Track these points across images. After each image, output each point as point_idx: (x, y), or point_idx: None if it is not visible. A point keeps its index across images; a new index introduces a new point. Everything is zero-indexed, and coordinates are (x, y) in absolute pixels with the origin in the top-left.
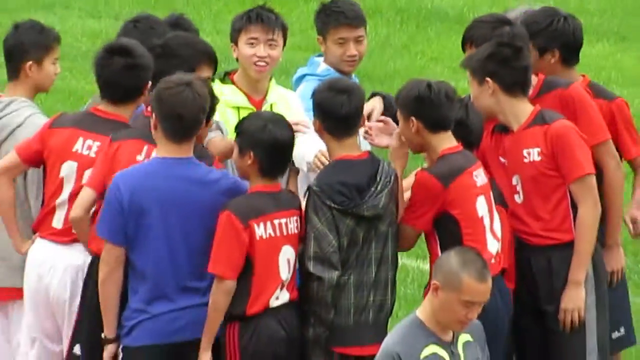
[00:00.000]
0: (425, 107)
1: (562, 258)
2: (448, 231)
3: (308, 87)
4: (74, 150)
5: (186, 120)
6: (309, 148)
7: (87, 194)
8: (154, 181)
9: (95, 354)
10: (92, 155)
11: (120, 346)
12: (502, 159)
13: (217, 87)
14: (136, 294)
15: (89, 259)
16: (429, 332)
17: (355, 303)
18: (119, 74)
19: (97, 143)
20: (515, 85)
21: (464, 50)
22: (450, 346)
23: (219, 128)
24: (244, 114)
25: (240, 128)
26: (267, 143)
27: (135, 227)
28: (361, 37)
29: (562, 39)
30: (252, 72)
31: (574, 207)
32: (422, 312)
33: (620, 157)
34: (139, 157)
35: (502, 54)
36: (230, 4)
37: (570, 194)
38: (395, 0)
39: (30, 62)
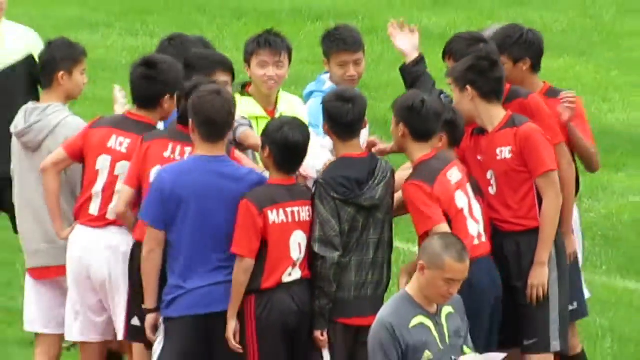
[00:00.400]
0: (414, 117)
1: (529, 242)
2: None
3: (316, 102)
4: (108, 145)
5: (218, 124)
6: (319, 159)
7: (125, 191)
8: (192, 176)
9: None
10: (124, 150)
11: (161, 317)
12: (479, 157)
13: (237, 98)
14: (173, 273)
15: (123, 240)
16: (417, 305)
17: (356, 281)
18: (137, 83)
19: (128, 140)
20: (491, 93)
21: (444, 60)
22: (435, 317)
23: (250, 124)
24: (262, 122)
25: (265, 126)
26: (280, 141)
27: (174, 214)
28: (359, 60)
29: (532, 49)
30: (264, 89)
31: (539, 199)
32: (410, 288)
33: None
34: (166, 154)
35: (480, 66)
36: (248, 24)
37: (536, 187)
38: (388, 21)
39: (62, 73)
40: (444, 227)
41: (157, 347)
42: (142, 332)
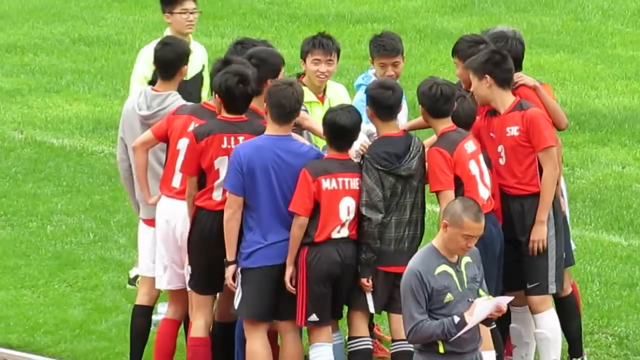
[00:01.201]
0: (427, 100)
1: (531, 203)
2: (455, 188)
3: (360, 95)
4: (188, 130)
5: (287, 109)
6: (357, 141)
7: (190, 181)
8: (264, 152)
9: (202, 273)
10: None
11: (239, 268)
12: (491, 134)
13: None
14: (251, 230)
15: None
16: (441, 256)
17: (396, 236)
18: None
19: None
20: (504, 81)
21: (453, 57)
22: (455, 265)
23: (306, 109)
24: (314, 106)
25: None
26: (329, 122)
27: (250, 183)
28: (397, 62)
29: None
30: (316, 82)
31: (541, 169)
32: (436, 242)
33: None
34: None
35: (495, 59)
36: (301, 27)
37: (538, 160)
38: (416, 25)
39: (185, 67)
40: (450, 194)
41: (237, 295)
42: (196, 282)
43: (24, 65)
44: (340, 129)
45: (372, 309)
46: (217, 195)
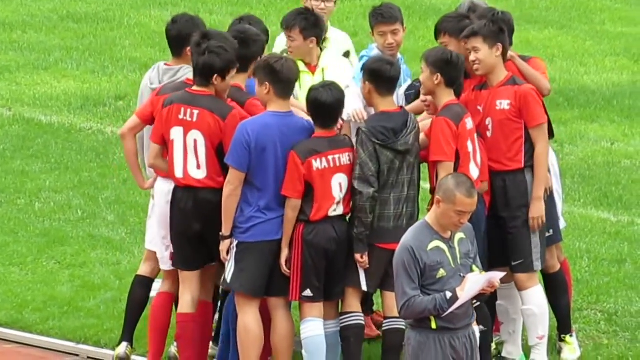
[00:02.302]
0: (450, 68)
1: (513, 179)
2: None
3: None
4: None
5: (293, 82)
6: (348, 106)
7: (152, 148)
8: (272, 130)
9: (182, 250)
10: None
11: (235, 242)
12: (479, 107)
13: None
14: (250, 205)
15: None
16: (434, 232)
17: (394, 213)
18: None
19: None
20: (506, 53)
21: (436, 39)
22: (448, 241)
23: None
24: (304, 75)
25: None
26: (311, 102)
27: (256, 159)
28: (396, 30)
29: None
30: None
31: (526, 147)
32: (429, 217)
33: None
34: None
35: (505, 30)
36: (290, 3)
37: (526, 136)
38: (404, 1)
39: (189, 47)
40: (449, 165)
41: (229, 269)
42: (178, 259)
43: (12, 42)
44: (322, 106)
45: (364, 287)
46: (178, 172)
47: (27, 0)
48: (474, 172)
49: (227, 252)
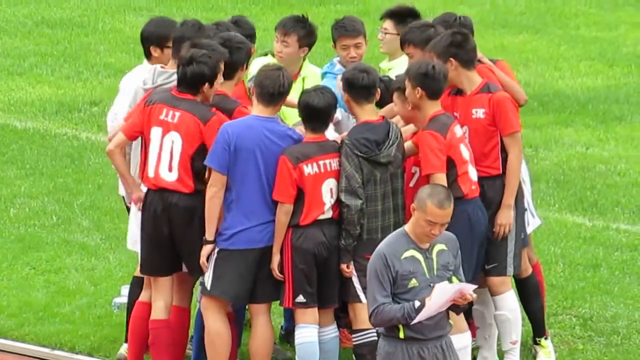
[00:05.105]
0: (428, 80)
1: (491, 185)
2: (448, 169)
3: (326, 82)
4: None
5: (275, 91)
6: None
7: (118, 138)
8: (253, 132)
9: (152, 255)
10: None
11: (217, 249)
12: (455, 114)
13: (269, 60)
14: (231, 211)
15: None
16: (410, 241)
17: (382, 224)
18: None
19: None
20: (469, 62)
21: (402, 49)
22: (425, 252)
23: None
24: None
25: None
26: (303, 106)
27: (235, 162)
28: (359, 43)
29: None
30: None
31: (504, 154)
32: (408, 226)
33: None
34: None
35: (457, 40)
36: (264, 8)
37: (501, 144)
38: (380, 6)
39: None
40: (442, 177)
41: (208, 275)
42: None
43: None
44: (313, 110)
45: (364, 299)
46: (150, 172)
47: (2, 6)
48: (474, 175)
49: (207, 258)
